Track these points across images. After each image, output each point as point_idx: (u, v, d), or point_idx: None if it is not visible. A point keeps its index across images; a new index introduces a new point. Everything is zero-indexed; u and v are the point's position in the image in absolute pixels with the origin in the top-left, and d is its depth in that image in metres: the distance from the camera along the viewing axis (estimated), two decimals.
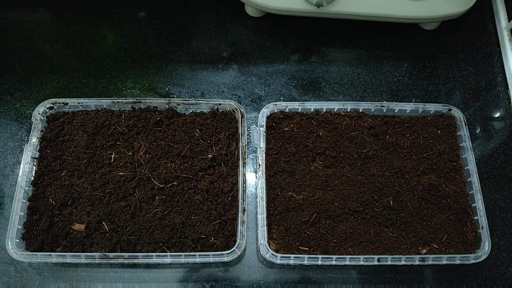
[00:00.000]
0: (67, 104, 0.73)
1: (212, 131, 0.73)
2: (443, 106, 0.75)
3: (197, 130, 0.73)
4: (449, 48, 0.88)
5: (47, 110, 0.73)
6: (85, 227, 0.67)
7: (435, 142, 0.73)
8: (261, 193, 0.68)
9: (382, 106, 0.75)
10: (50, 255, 0.64)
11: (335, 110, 0.75)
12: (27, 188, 0.69)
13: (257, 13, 0.88)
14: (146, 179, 0.69)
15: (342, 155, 0.72)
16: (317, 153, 0.72)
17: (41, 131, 0.73)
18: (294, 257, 0.65)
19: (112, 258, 0.64)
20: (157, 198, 0.68)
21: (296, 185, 0.70)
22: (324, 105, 0.75)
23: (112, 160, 0.71)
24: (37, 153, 0.71)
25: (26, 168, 0.69)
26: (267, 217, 0.67)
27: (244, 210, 0.67)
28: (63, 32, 0.87)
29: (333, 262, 0.65)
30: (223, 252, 0.64)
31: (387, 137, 0.73)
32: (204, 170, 0.70)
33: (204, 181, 0.70)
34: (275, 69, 0.85)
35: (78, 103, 0.73)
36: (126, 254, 0.64)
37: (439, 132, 0.74)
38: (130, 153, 0.71)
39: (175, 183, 0.69)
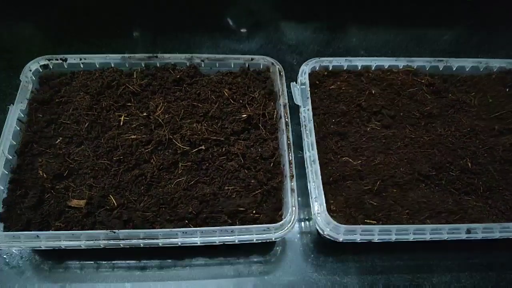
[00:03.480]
0: (65, 60, 0.57)
1: (244, 89, 0.57)
2: (508, 62, 0.62)
3: (226, 90, 0.57)
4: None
5: (41, 69, 0.57)
6: (85, 203, 0.48)
7: (506, 101, 0.59)
8: (312, 157, 0.52)
9: (440, 60, 0.61)
10: (37, 236, 0.44)
11: (386, 67, 0.61)
12: (10, 157, 0.50)
13: None
14: (166, 142, 0.52)
15: (401, 114, 0.57)
16: (372, 113, 0.57)
17: (32, 92, 0.56)
18: (363, 231, 0.47)
19: (123, 239, 0.45)
20: (180, 165, 0.51)
21: (351, 149, 0.54)
22: (373, 62, 0.60)
23: (121, 123, 0.53)
24: (25, 117, 0.54)
25: (9, 133, 0.51)
26: (318, 187, 0.50)
27: (292, 176, 0.50)
28: None
29: (411, 236, 0.48)
30: (270, 226, 0.46)
31: (450, 95, 0.59)
32: (237, 133, 0.54)
33: (238, 145, 0.53)
34: (306, 37, 0.71)
35: (80, 59, 0.57)
36: (141, 232, 0.45)
37: (507, 90, 0.61)
38: (144, 114, 0.54)
39: (203, 147, 0.52)
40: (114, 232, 0.45)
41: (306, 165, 0.52)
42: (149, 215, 0.48)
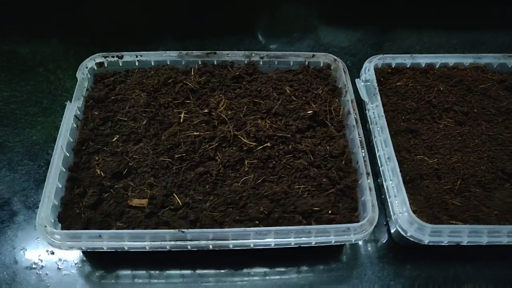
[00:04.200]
0: (121, 57, 0.54)
1: (307, 86, 0.54)
2: None
3: (287, 87, 0.54)
4: None
5: (96, 67, 0.54)
6: (147, 202, 0.44)
7: None
8: (387, 154, 0.48)
9: (510, 56, 0.58)
10: (100, 236, 0.41)
11: (451, 64, 0.57)
12: (68, 155, 0.47)
13: None
14: (230, 138, 0.48)
15: (475, 110, 0.53)
16: (443, 109, 0.53)
17: (87, 89, 0.53)
18: (451, 232, 0.43)
19: (191, 240, 0.41)
20: (246, 162, 0.47)
21: (425, 146, 0.50)
22: (438, 59, 0.57)
23: (181, 119, 0.50)
24: (81, 114, 0.51)
25: (67, 130, 0.48)
26: (397, 185, 0.46)
27: (368, 174, 0.46)
28: None
29: (505, 239, 0.43)
30: (350, 226, 0.42)
31: None
32: (302, 131, 0.50)
33: (305, 142, 0.49)
34: (356, 39, 0.69)
35: (136, 56, 0.55)
36: (210, 232, 0.41)
37: None
38: (205, 110, 0.51)
39: (269, 144, 0.48)
40: (183, 232, 0.41)
41: (379, 164, 0.48)
42: (217, 215, 0.44)
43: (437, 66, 0.57)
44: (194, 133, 0.49)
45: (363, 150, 0.47)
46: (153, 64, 0.55)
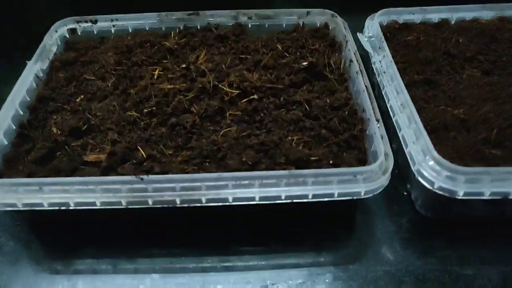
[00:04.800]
0: (96, 22, 0.49)
1: (302, 42, 0.47)
2: None
3: (279, 44, 0.47)
4: None
5: (68, 35, 0.49)
6: (106, 157, 0.36)
7: None
8: (400, 101, 0.39)
9: None
10: (39, 188, 0.32)
11: (470, 18, 0.50)
12: (21, 113, 0.40)
13: None
14: (210, 89, 0.41)
15: (504, 59, 0.45)
16: (465, 59, 0.45)
17: (55, 53, 0.47)
18: (494, 177, 0.33)
19: (153, 191, 0.32)
20: (228, 114, 0.39)
21: (446, 97, 0.41)
22: (453, 13, 0.50)
23: (155, 76, 0.43)
24: (44, 76, 0.45)
25: (23, 87, 0.41)
26: (415, 131, 0.36)
27: (378, 121, 0.37)
28: None
29: None
30: (356, 171, 0.33)
31: None
32: (297, 85, 0.42)
33: (301, 93, 0.41)
34: None
35: (112, 20, 0.49)
36: (177, 180, 0.32)
37: None
38: (183, 65, 0.44)
39: (256, 96, 0.41)
40: (142, 179, 0.32)
41: (392, 115, 0.40)
42: (189, 169, 0.35)
43: (452, 22, 0.49)
44: (168, 86, 0.41)
45: (370, 98, 0.39)
46: (130, 30, 0.50)
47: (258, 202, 0.33)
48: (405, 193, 0.40)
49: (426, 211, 0.38)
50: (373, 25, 0.47)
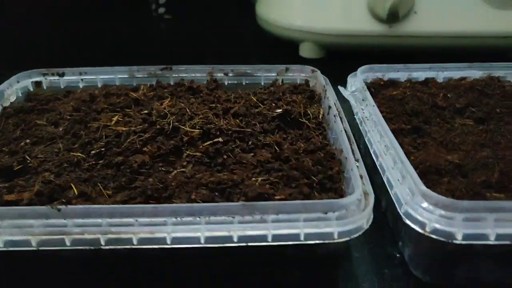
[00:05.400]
0: (63, 75, 0.47)
1: (279, 95, 0.44)
2: None
3: (253, 96, 0.44)
4: None
5: (32, 88, 0.47)
6: (29, 196, 0.30)
7: None
8: (384, 143, 0.34)
9: None
10: None
11: (457, 78, 0.47)
12: None
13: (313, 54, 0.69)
14: (169, 129, 0.36)
15: (498, 110, 0.41)
16: (456, 111, 0.41)
17: (11, 102, 0.44)
18: (496, 218, 0.26)
19: (73, 227, 0.26)
20: (185, 155, 0.34)
21: (438, 143, 0.36)
22: (439, 72, 0.47)
23: (113, 122, 0.39)
24: None
25: None
26: (401, 169, 0.31)
27: (358, 161, 0.32)
28: None
29: None
30: (327, 204, 0.26)
31: None
32: (269, 132, 0.38)
33: (272, 137, 0.37)
34: None
35: (80, 73, 0.47)
36: (102, 210, 0.26)
37: None
38: (145, 111, 0.40)
39: (220, 139, 0.36)
40: (58, 210, 0.26)
41: (375, 158, 0.35)
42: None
43: (440, 81, 0.47)
44: (123, 128, 0.37)
45: (349, 139, 0.34)
46: (99, 84, 0.47)
47: (204, 245, 0.26)
48: (397, 255, 0.33)
49: (423, 273, 0.30)
50: (356, 80, 0.45)
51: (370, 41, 0.64)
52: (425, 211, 0.27)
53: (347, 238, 0.26)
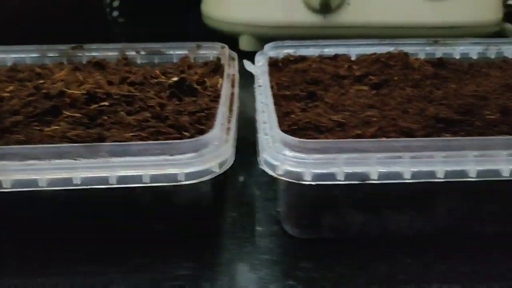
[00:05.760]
0: None
1: (183, 69, 0.43)
2: None
3: (157, 69, 0.44)
4: None
5: None
6: None
7: None
8: (264, 107, 0.34)
9: (436, 41, 0.48)
10: None
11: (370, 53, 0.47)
12: None
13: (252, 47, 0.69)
14: (54, 94, 0.36)
15: (396, 78, 0.41)
16: (356, 79, 0.41)
17: None
18: (348, 158, 0.26)
19: None
20: (64, 114, 0.34)
21: (328, 107, 0.36)
22: (351, 48, 0.48)
23: (8, 90, 0.39)
24: None
25: None
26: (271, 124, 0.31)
27: (229, 121, 0.32)
28: None
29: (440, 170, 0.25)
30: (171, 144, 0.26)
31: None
32: (162, 99, 0.38)
33: (156, 100, 0.36)
34: None
35: None
36: None
37: None
38: (41, 81, 0.40)
39: (107, 102, 0.36)
40: None
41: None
42: None
43: (353, 58, 0.47)
44: (5, 94, 0.37)
45: (232, 107, 0.34)
46: (9, 64, 0.47)
47: (46, 189, 0.25)
48: (278, 210, 0.32)
49: (293, 228, 0.30)
50: (264, 56, 0.45)
51: (306, 32, 0.64)
52: (279, 154, 0.27)
53: (194, 181, 0.26)
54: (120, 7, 0.93)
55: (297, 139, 0.26)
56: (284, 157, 0.26)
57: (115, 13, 0.93)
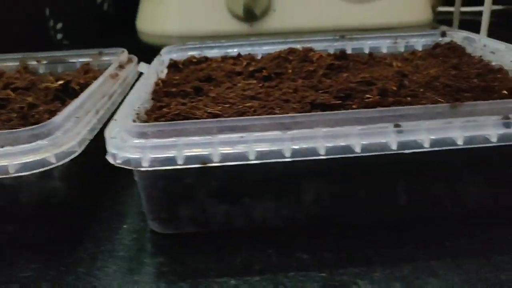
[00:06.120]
0: None
1: (81, 75, 0.43)
2: None
3: (51, 76, 0.42)
4: None
5: None
6: None
7: None
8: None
9: (343, 36, 0.48)
10: None
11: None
12: None
13: None
14: None
15: (290, 71, 0.40)
16: (249, 74, 0.40)
17: None
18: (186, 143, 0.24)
19: None
20: None
21: (211, 100, 0.35)
22: (257, 47, 0.47)
23: None
24: None
25: None
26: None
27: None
28: None
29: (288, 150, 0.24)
30: None
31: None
32: (46, 103, 0.36)
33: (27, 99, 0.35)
34: None
35: None
36: None
37: None
38: None
39: None
40: None
41: None
42: None
43: (259, 57, 0.47)
44: None
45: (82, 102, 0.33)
46: None
47: None
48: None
49: (154, 223, 0.28)
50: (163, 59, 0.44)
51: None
52: (121, 142, 0.25)
53: (27, 173, 0.24)
54: (64, 29, 0.93)
55: (134, 123, 0.25)
56: (124, 145, 0.25)
57: (59, 36, 0.93)
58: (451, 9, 0.71)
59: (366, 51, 0.47)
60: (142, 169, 0.24)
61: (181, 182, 0.26)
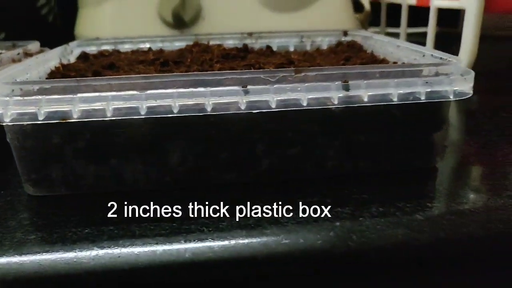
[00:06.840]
0: None
1: None
2: None
3: None
4: None
5: None
6: None
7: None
8: None
9: (251, 34, 0.51)
10: None
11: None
12: None
13: None
14: None
15: (189, 60, 0.43)
16: (150, 63, 0.43)
17: None
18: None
19: None
20: None
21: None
22: (167, 44, 0.50)
23: None
24: None
25: None
26: None
27: None
28: None
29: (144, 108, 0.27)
30: None
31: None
32: None
33: None
34: None
35: None
36: None
37: None
38: None
39: None
40: None
41: None
42: None
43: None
44: None
45: None
46: None
47: None
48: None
49: (27, 185, 0.30)
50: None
51: None
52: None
53: None
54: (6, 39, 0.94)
55: (2, 82, 0.27)
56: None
57: None
58: (397, 30, 0.76)
59: (275, 49, 0.51)
60: (4, 123, 0.26)
61: (49, 141, 0.28)
